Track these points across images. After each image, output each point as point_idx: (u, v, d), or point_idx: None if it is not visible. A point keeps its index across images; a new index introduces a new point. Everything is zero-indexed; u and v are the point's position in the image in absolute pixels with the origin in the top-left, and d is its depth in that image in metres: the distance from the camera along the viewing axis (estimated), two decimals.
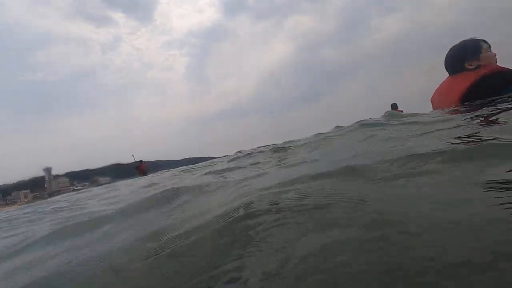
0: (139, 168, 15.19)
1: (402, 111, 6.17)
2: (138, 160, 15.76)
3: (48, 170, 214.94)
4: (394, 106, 7.51)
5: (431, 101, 2.85)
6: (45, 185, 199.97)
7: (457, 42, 2.53)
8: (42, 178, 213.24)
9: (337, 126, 3.01)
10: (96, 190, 5.42)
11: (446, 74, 2.64)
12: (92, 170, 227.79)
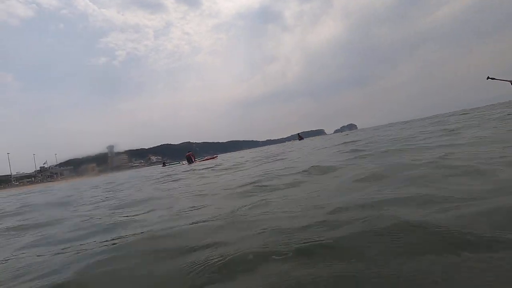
0: (188, 158, 18.98)
1: None
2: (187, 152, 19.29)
3: (110, 147, 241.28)
4: None
5: None
6: (108, 161, 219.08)
7: None
8: (106, 154, 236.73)
9: None
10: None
11: None
12: (147, 149, 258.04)
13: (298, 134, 38.65)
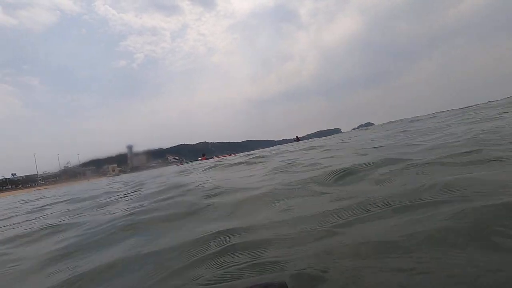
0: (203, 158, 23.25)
1: None
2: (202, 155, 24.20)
3: (130, 147, 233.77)
4: None
5: None
6: (128, 161, 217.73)
7: None
8: (125, 154, 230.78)
9: None
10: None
11: None
12: (164, 149, 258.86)
13: (296, 136, 37.89)
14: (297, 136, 38.69)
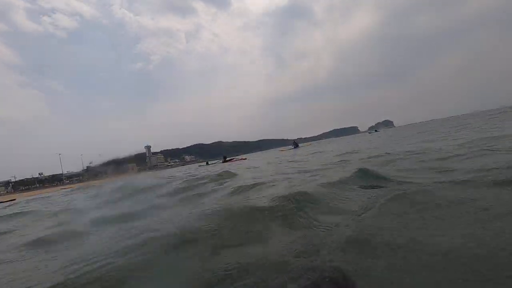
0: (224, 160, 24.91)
1: None
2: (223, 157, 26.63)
3: (148, 147, 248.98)
4: None
5: None
6: (146, 160, 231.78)
7: None
8: (144, 154, 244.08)
9: None
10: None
11: None
12: (181, 149, 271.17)
13: (294, 140, 33.37)
14: (294, 141, 33.08)
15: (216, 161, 33.24)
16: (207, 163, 30.18)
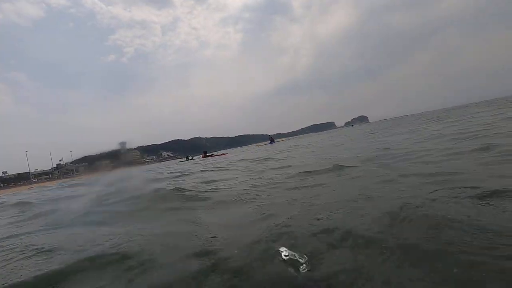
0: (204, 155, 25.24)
1: None
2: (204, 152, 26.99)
3: (123, 143, 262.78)
4: None
5: None
6: (121, 157, 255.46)
7: None
8: (118, 151, 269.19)
9: None
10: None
11: None
12: (158, 145, 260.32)
13: (270, 136, 34.78)
14: (270, 137, 34.37)
15: (196, 157, 32.72)
16: (187, 158, 29.46)
